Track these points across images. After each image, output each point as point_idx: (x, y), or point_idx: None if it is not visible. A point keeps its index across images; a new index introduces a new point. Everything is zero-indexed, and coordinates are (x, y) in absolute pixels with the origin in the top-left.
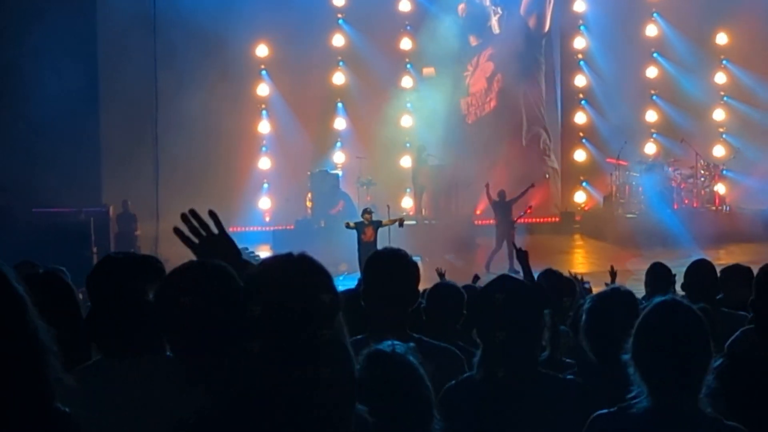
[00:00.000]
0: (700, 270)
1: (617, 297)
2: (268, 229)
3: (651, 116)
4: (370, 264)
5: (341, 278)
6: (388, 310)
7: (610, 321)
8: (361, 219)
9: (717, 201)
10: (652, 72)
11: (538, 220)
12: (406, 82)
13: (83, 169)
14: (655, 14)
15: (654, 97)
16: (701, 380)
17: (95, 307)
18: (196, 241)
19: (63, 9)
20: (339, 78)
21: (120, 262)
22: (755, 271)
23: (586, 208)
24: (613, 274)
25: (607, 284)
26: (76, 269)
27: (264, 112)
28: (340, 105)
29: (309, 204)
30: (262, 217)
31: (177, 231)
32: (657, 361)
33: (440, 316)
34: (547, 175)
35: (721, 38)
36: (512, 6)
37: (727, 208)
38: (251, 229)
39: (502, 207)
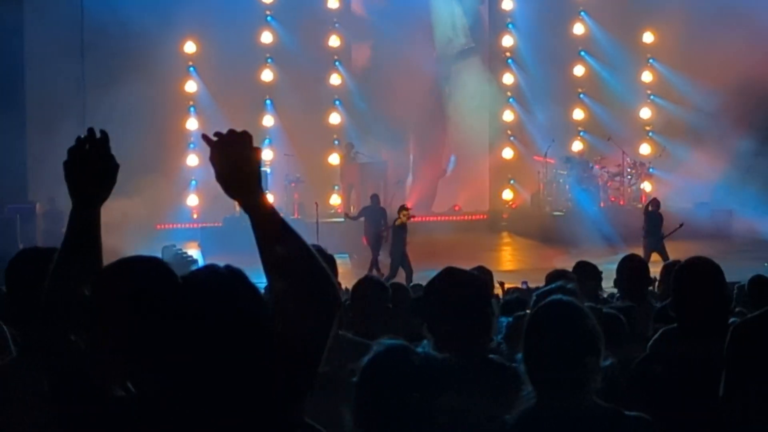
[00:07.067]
0: (629, 266)
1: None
2: (196, 226)
3: (578, 114)
4: None
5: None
6: None
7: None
8: None
9: (643, 199)
10: (579, 70)
11: (465, 217)
12: (335, 79)
13: (8, 166)
14: (582, 13)
15: (581, 96)
16: (585, 375)
17: (11, 298)
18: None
19: None
20: (267, 75)
21: (34, 255)
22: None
23: (514, 206)
24: (501, 284)
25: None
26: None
27: (192, 108)
28: (268, 102)
29: None
30: (190, 214)
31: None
32: (539, 360)
33: (365, 311)
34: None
35: (648, 37)
36: None
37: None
38: (179, 226)
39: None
